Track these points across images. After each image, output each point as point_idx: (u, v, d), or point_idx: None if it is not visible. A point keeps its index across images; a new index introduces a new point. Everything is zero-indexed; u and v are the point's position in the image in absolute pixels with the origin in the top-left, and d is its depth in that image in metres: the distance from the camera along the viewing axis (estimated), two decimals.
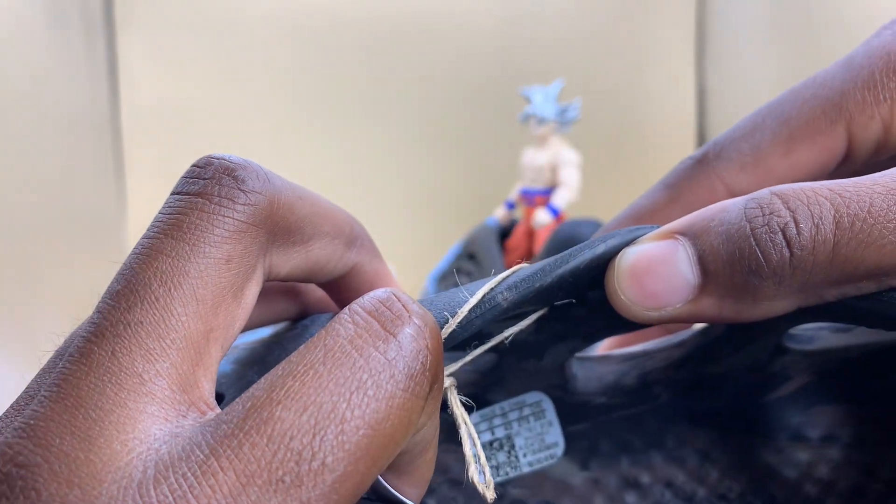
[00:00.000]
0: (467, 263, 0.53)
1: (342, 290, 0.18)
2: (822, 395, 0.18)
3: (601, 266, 0.15)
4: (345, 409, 0.12)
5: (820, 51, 0.51)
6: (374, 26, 0.66)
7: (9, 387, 0.45)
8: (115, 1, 0.63)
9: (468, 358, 0.16)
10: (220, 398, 0.15)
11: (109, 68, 0.63)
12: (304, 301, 0.19)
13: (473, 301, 0.15)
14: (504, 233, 0.53)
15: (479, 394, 0.18)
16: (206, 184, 0.14)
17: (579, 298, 0.16)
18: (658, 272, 0.14)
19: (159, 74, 0.64)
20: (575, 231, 0.42)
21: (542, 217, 0.47)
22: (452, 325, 0.15)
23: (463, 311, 0.15)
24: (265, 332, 0.18)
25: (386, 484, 0.14)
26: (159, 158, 0.65)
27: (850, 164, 0.17)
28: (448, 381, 0.15)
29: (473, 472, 0.15)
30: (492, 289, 0.15)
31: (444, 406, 0.15)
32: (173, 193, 0.14)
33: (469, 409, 0.16)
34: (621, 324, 0.16)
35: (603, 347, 0.22)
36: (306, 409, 0.11)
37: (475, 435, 0.15)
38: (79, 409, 0.12)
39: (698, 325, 0.19)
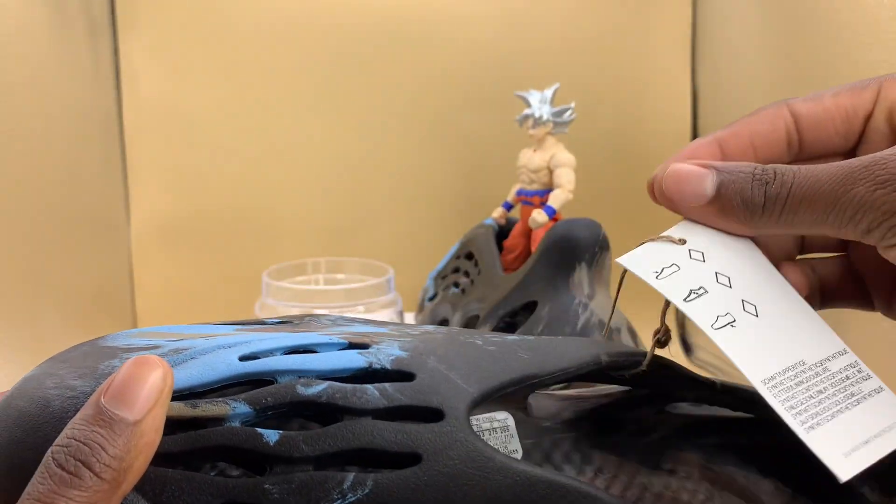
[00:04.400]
0: (466, 263, 0.54)
1: None
2: (677, 443, 0.27)
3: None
4: None
5: (814, 54, 0.51)
6: (375, 28, 0.66)
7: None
8: (118, 1, 0.63)
9: None
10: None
11: (113, 68, 0.64)
12: None
13: None
14: (502, 233, 0.54)
15: None
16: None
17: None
18: (690, 181, 0.24)
19: (162, 74, 0.65)
20: (570, 230, 0.42)
21: (538, 217, 0.48)
22: None
23: None
24: None
25: None
26: (162, 158, 0.66)
27: (873, 119, 0.25)
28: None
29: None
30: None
31: None
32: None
33: None
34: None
35: None
36: None
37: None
38: None
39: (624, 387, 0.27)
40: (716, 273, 0.23)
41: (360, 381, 0.22)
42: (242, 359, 0.22)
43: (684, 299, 0.23)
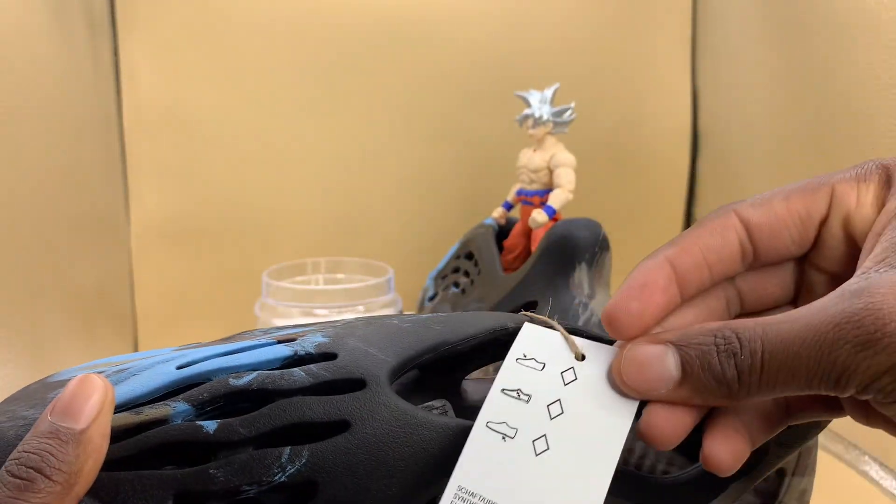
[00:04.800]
0: (466, 263, 0.54)
1: None
2: None
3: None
4: None
5: (814, 54, 0.51)
6: (375, 29, 0.66)
7: (13, 386, 0.45)
8: (118, 1, 0.63)
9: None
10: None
11: (113, 68, 0.64)
12: None
13: None
14: (502, 232, 0.54)
15: (403, 396, 0.24)
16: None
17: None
18: (651, 365, 0.21)
19: (162, 74, 0.65)
20: (570, 230, 0.42)
21: (538, 217, 0.48)
22: None
23: None
24: None
25: None
26: (162, 158, 0.66)
27: (828, 225, 0.24)
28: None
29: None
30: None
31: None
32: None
33: None
34: None
35: None
36: None
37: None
38: None
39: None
40: (557, 401, 0.22)
41: (287, 368, 0.23)
42: (179, 368, 0.23)
43: (502, 389, 0.22)
